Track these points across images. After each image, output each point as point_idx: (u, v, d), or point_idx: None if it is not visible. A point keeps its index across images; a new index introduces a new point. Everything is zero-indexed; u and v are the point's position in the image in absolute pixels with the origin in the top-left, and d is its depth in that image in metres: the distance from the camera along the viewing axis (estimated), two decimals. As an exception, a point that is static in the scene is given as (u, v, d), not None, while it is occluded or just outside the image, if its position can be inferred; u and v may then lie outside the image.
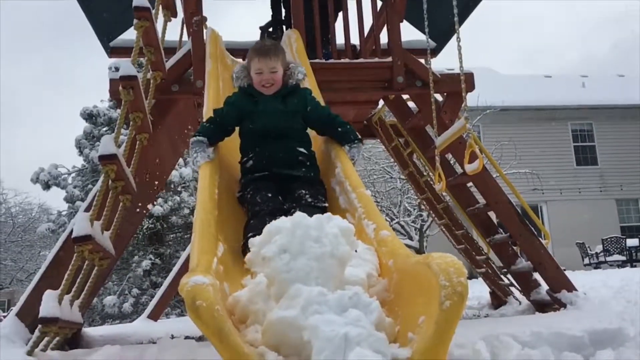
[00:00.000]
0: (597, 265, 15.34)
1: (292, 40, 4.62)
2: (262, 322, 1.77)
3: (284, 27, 5.86)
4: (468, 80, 4.51)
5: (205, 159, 2.78)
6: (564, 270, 5.11)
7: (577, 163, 21.37)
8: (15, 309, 4.03)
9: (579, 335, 2.92)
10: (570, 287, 4.80)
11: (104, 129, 16.03)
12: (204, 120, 3.18)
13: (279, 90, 3.05)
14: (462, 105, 4.44)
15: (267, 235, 1.97)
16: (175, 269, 7.57)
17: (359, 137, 3.09)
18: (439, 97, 5.27)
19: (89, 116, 16.12)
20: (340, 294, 1.70)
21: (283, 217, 1.99)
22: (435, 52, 6.40)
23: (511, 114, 20.33)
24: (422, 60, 5.30)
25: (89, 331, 5.06)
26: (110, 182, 3.50)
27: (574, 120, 21.57)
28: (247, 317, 1.87)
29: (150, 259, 14.01)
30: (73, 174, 16.14)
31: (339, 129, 3.09)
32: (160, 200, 13.82)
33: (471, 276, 10.60)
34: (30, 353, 3.15)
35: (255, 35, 6.00)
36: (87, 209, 3.82)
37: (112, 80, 4.57)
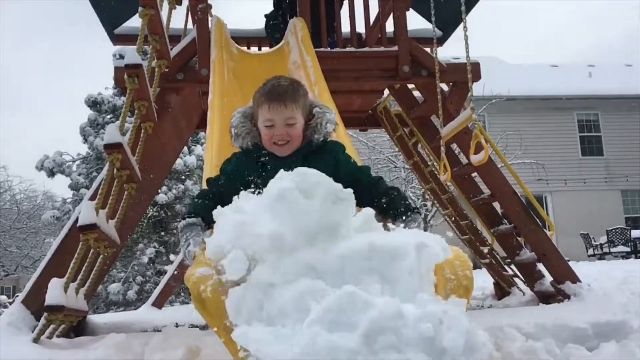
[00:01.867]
0: (602, 256, 15.31)
1: (297, 29, 4.59)
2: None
3: (289, 15, 5.82)
4: (474, 70, 4.48)
5: (200, 246, 1.90)
6: (568, 260, 5.11)
7: (582, 153, 21.26)
8: (20, 296, 4.06)
9: (583, 327, 2.92)
10: (574, 279, 4.79)
11: (109, 116, 16.03)
12: (198, 193, 2.30)
13: (297, 149, 2.16)
14: (468, 95, 4.41)
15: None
16: (179, 257, 7.59)
17: (415, 206, 2.10)
18: (444, 86, 5.24)
19: (94, 103, 16.12)
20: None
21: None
22: (441, 41, 6.36)
23: (517, 103, 20.21)
24: (428, 49, 5.27)
25: (94, 318, 5.10)
26: (115, 170, 3.51)
27: (579, 110, 21.43)
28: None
29: (155, 247, 14.07)
30: (77, 162, 16.17)
31: (383, 199, 2.10)
32: (164, 188, 13.84)
33: (475, 266, 10.58)
34: (36, 340, 3.17)
35: (260, 23, 5.97)
36: (92, 198, 3.82)
37: (117, 68, 4.56)
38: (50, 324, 3.28)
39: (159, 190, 12.56)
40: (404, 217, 1.98)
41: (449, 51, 7.11)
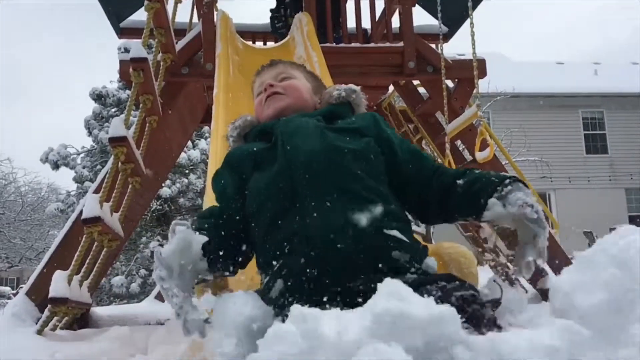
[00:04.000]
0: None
1: (303, 24, 4.58)
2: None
3: (293, 10, 5.80)
4: (480, 67, 4.47)
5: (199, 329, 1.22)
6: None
7: (587, 151, 21.18)
8: (24, 288, 4.07)
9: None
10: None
11: (113, 109, 16.04)
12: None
13: (305, 109, 1.59)
14: (474, 91, 4.39)
15: None
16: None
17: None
18: (449, 83, 5.23)
19: (98, 97, 16.12)
20: None
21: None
22: (447, 37, 6.33)
23: (521, 100, 20.14)
24: (433, 46, 5.25)
25: (97, 311, 5.11)
26: (119, 164, 3.51)
27: (584, 108, 21.34)
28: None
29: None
30: (82, 155, 16.20)
31: (462, 181, 1.36)
32: (168, 182, 13.86)
33: (478, 263, 10.57)
34: (40, 332, 3.19)
35: (265, 18, 5.96)
36: (96, 191, 3.83)
37: (122, 62, 4.56)
38: (54, 316, 3.30)
39: (163, 184, 12.57)
40: (501, 187, 1.25)
41: (454, 48, 7.09)
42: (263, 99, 1.58)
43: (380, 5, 5.31)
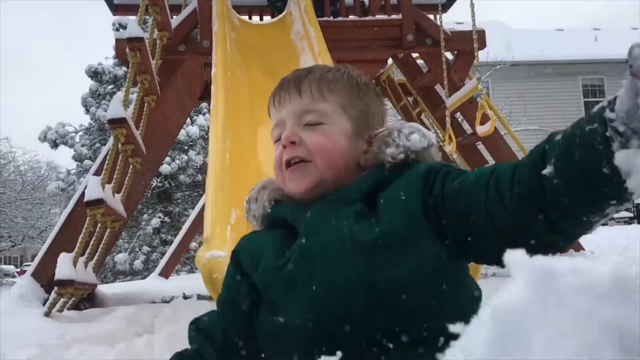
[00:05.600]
0: (604, 222, 15.36)
1: (300, -2, 4.52)
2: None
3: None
4: (480, 39, 4.43)
5: None
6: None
7: (586, 119, 21.13)
8: (30, 270, 4.12)
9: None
10: (578, 247, 4.83)
11: (110, 86, 15.93)
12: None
13: (341, 179, 1.03)
14: (474, 63, 4.36)
15: None
16: (185, 227, 7.66)
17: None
18: (449, 55, 5.19)
19: (94, 74, 16.00)
20: None
21: None
22: (445, 7, 6.24)
23: (520, 69, 19.99)
24: (432, 16, 5.19)
25: (102, 289, 5.16)
26: (120, 145, 3.51)
27: (584, 75, 21.20)
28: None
29: (160, 217, 14.17)
30: (80, 133, 16.15)
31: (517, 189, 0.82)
32: (168, 159, 13.86)
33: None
34: (47, 314, 3.23)
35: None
36: (97, 172, 3.84)
37: (118, 40, 4.51)
38: (61, 298, 3.34)
39: (163, 161, 12.58)
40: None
41: (452, 15, 7.00)
42: (282, 163, 1.04)
43: (377, -23, 5.24)
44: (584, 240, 4.95)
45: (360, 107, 1.06)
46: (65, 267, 3.17)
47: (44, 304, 3.53)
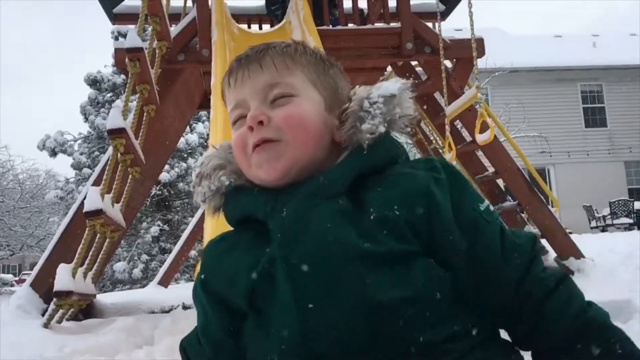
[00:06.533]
0: (604, 228, 15.33)
1: (299, 8, 4.53)
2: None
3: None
4: (479, 47, 4.44)
5: None
6: (571, 233, 5.14)
7: (586, 125, 21.14)
8: (28, 280, 4.10)
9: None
10: (578, 254, 4.82)
11: (109, 94, 15.95)
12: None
13: (318, 161, 0.88)
14: (474, 72, 4.37)
15: None
16: (184, 236, 7.64)
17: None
18: (448, 63, 5.19)
19: (93, 82, 16.01)
20: None
21: None
22: (444, 15, 6.27)
23: (520, 75, 20.04)
24: (430, 24, 5.20)
25: (101, 298, 5.14)
26: (119, 155, 3.50)
27: (583, 82, 21.25)
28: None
29: (159, 225, 14.14)
30: (79, 141, 16.15)
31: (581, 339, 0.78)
32: (167, 167, 13.85)
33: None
34: (47, 325, 3.21)
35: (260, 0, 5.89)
36: (96, 182, 3.83)
37: (117, 50, 4.51)
38: (60, 309, 3.32)
39: (162, 170, 12.57)
40: None
41: (450, 21, 7.01)
42: (248, 145, 0.89)
43: (376, -15, 5.26)
44: (584, 247, 4.94)
45: (327, 81, 0.95)
46: (64, 278, 3.16)
47: (42, 315, 3.51)
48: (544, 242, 5.11)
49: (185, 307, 4.51)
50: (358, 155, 0.86)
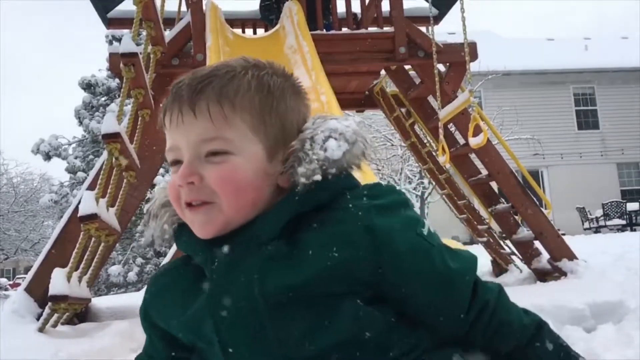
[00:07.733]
0: (597, 230, 15.42)
1: (293, 13, 4.56)
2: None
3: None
4: (471, 51, 4.48)
5: None
6: (564, 234, 5.17)
7: (578, 127, 21.27)
8: (23, 285, 4.10)
9: (580, 308, 2.97)
10: (571, 256, 4.85)
11: (103, 98, 15.94)
12: None
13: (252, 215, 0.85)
14: (466, 76, 4.41)
15: None
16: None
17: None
18: (441, 67, 5.23)
19: (88, 86, 16.00)
20: None
21: None
22: (437, 19, 6.31)
23: (512, 78, 20.15)
24: (424, 28, 5.24)
25: (96, 303, 5.14)
26: (114, 160, 3.51)
27: (575, 84, 21.39)
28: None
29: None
30: (73, 145, 16.12)
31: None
32: (161, 170, 13.85)
33: (472, 242, 10.69)
34: (41, 330, 3.21)
35: (254, 4, 5.91)
36: (91, 187, 3.83)
37: (112, 55, 4.53)
38: (55, 313, 3.32)
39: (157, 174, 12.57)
40: None
41: (443, 25, 7.06)
42: (181, 199, 0.86)
43: (369, -11, 5.29)
44: (577, 249, 4.98)
45: (273, 122, 0.86)
46: (59, 282, 3.16)
47: (37, 319, 3.51)
48: (537, 244, 5.15)
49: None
50: (292, 199, 0.82)
